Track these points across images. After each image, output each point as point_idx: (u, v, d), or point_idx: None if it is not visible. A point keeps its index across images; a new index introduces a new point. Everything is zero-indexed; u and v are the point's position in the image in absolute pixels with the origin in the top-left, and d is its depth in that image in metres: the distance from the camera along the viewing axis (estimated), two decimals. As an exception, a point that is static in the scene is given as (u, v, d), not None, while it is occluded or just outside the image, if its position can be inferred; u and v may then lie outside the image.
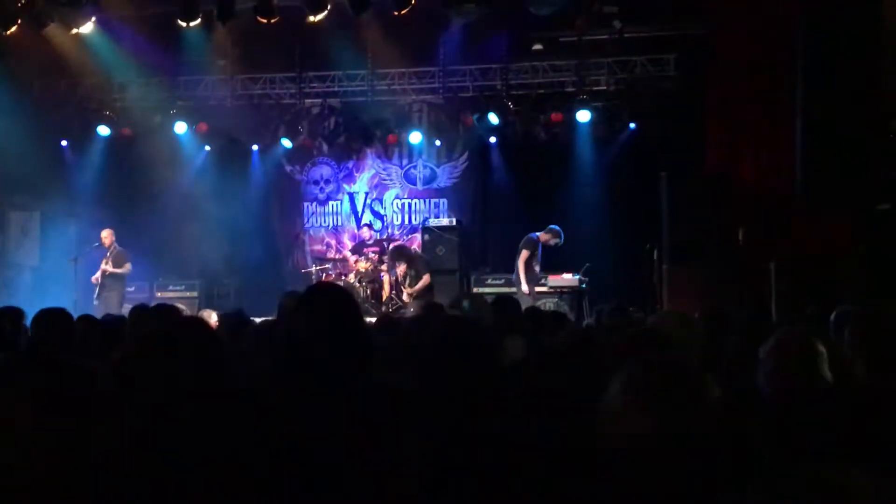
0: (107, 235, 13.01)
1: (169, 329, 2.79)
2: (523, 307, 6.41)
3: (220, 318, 6.34)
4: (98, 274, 12.84)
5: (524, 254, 11.93)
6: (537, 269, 12.13)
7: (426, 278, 12.47)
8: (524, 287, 11.72)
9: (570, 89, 14.00)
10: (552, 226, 12.20)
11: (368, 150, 15.74)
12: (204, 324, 3.00)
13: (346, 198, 16.07)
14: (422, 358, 3.02)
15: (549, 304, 12.20)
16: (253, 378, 3.21)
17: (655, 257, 11.27)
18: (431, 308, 6.28)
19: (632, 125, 13.68)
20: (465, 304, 5.10)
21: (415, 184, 15.86)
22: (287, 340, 3.25)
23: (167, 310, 5.80)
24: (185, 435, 2.43)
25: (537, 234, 12.15)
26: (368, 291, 13.33)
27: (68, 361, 2.07)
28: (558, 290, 12.62)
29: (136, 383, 2.46)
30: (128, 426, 2.02)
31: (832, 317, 4.94)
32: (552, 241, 12.13)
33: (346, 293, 3.49)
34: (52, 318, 5.03)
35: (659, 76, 13.66)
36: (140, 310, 6.22)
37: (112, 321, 6.31)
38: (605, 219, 13.62)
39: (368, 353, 3.18)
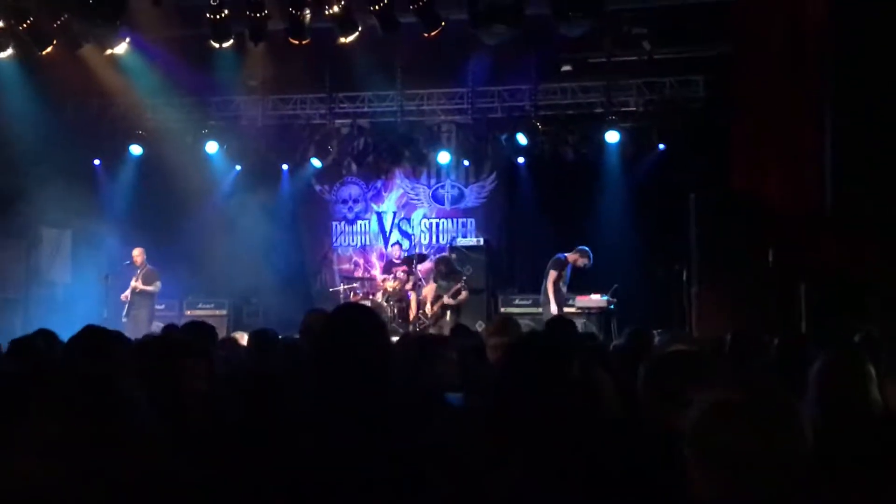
0: (138, 254, 13.13)
1: None
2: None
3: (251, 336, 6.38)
4: (128, 292, 12.94)
5: (552, 274, 11.87)
6: (564, 289, 12.07)
7: (465, 295, 12.85)
8: (553, 308, 11.63)
9: (599, 110, 14.00)
10: (581, 246, 12.14)
11: (397, 170, 15.80)
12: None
13: (375, 217, 16.13)
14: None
15: (577, 325, 12.13)
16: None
17: (684, 278, 11.21)
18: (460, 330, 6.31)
19: (660, 146, 13.64)
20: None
21: (443, 203, 15.89)
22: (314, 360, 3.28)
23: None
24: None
25: (566, 254, 12.10)
26: (396, 311, 13.34)
27: (99, 374, 2.10)
28: (586, 310, 12.56)
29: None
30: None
31: (856, 339, 4.89)
32: (581, 262, 12.06)
33: (372, 314, 3.52)
34: (94, 336, 5.03)
35: (688, 97, 13.63)
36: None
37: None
38: (634, 240, 13.54)
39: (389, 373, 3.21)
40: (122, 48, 12.34)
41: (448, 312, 12.75)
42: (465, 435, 2.24)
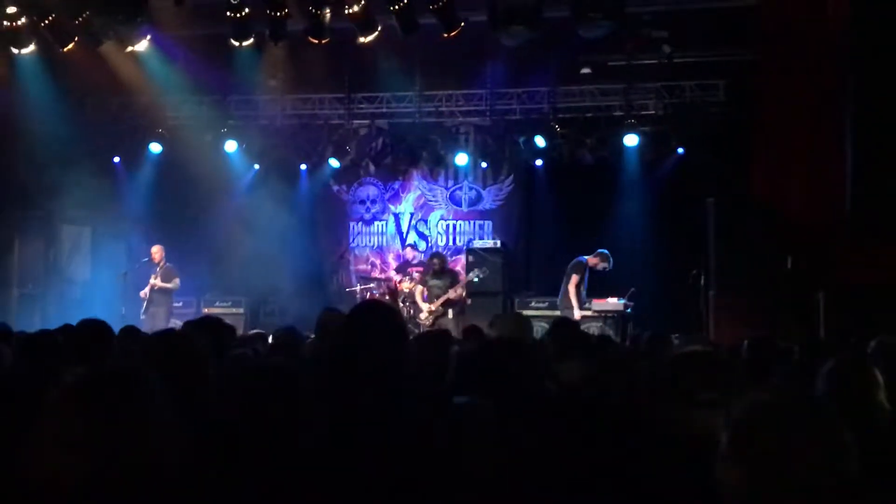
0: (157, 251, 13.18)
1: None
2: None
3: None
4: (147, 289, 13.00)
5: (574, 278, 11.85)
6: (584, 293, 12.07)
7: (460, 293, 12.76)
8: (577, 312, 11.63)
9: (618, 113, 13.96)
10: (601, 249, 12.13)
11: (414, 171, 15.81)
12: None
13: (392, 218, 16.14)
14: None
15: (593, 328, 12.11)
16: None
17: (702, 283, 11.17)
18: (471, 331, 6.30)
19: (680, 150, 13.57)
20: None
21: (460, 205, 15.89)
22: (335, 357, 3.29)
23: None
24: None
25: (586, 257, 12.09)
26: (411, 311, 13.35)
27: (122, 369, 2.11)
28: (603, 314, 12.52)
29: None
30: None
31: (871, 346, 4.85)
32: (601, 266, 12.06)
33: (393, 311, 3.53)
34: (93, 329, 5.05)
35: (708, 101, 13.57)
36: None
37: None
38: (652, 244, 13.49)
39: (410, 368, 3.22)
40: (142, 45, 12.40)
41: (450, 311, 12.74)
42: (471, 435, 2.24)
